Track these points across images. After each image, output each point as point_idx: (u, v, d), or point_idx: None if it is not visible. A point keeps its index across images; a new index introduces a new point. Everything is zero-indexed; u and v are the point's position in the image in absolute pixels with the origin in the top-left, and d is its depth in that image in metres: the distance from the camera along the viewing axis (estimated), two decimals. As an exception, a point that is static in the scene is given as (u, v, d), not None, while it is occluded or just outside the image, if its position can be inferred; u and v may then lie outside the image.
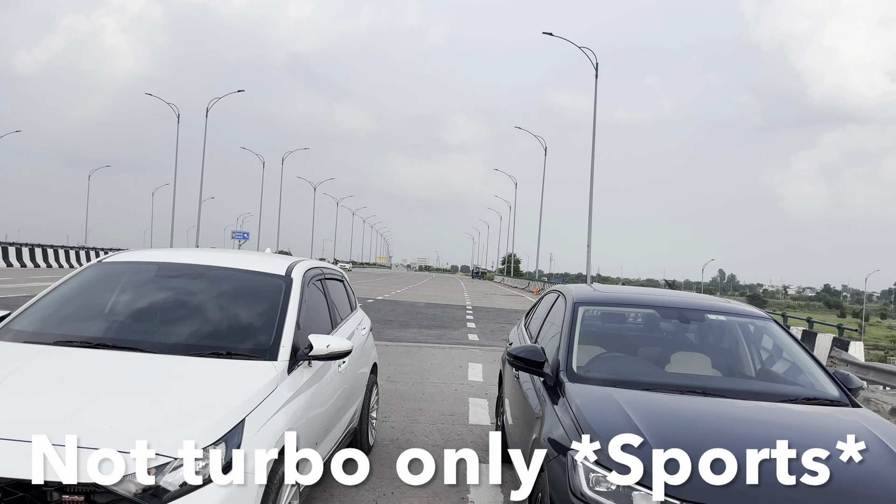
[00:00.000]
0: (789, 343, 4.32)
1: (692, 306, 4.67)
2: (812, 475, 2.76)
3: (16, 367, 3.16)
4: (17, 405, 2.86)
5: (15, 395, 2.95)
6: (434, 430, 6.72)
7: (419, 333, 15.36)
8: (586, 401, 3.43)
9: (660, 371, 4.15)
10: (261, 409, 3.15)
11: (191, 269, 4.24)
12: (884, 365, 10.31)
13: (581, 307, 4.46)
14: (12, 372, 3.11)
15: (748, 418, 3.37)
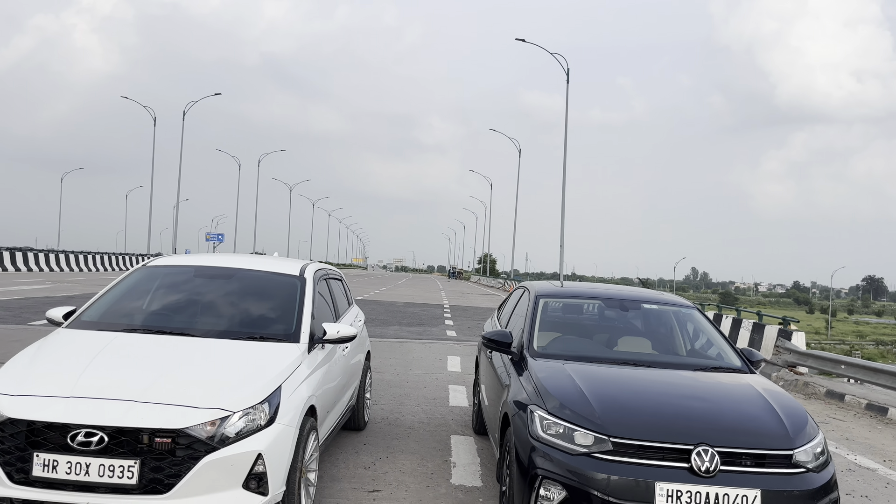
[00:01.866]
0: (707, 327, 5.34)
1: (632, 297, 5.69)
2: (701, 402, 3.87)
3: (100, 348, 4.05)
4: (112, 376, 3.76)
5: (108, 368, 3.84)
6: (419, 411, 7.66)
7: (400, 330, 16.28)
8: (543, 370, 4.40)
9: (606, 350, 5.15)
10: (291, 379, 4.08)
11: (222, 270, 5.16)
12: (820, 352, 11.45)
13: (542, 299, 5.45)
14: (99, 351, 4.00)
15: (665, 381, 4.37)
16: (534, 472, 3.74)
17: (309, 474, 4.28)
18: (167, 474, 3.41)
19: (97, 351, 4.01)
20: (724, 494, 3.48)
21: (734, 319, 14.51)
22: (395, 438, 6.40)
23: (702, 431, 3.68)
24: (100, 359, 3.93)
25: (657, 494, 3.48)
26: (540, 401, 4.01)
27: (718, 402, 4.12)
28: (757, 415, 3.93)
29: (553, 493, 3.66)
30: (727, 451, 3.60)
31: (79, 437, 3.39)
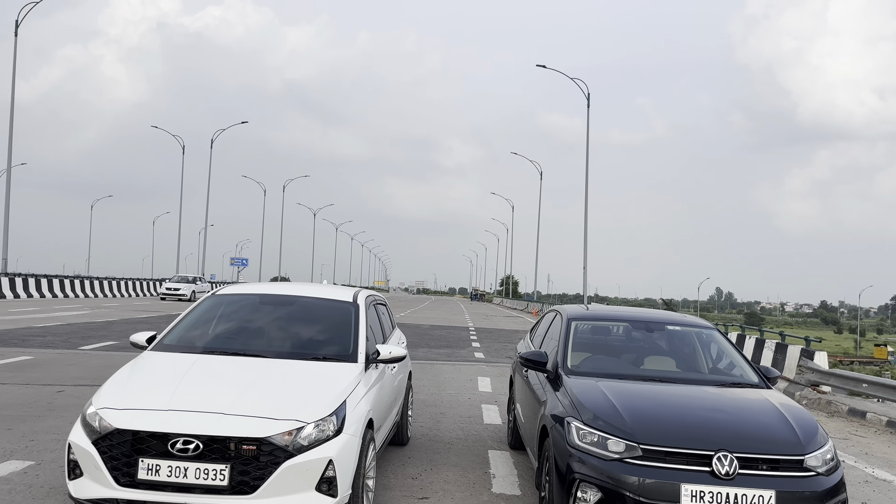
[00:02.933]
0: (727, 346, 5.79)
1: (656, 320, 6.15)
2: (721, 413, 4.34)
3: (187, 368, 4.61)
4: (202, 391, 4.31)
5: (197, 385, 4.39)
6: (456, 428, 8.13)
7: (429, 352, 16.76)
8: (578, 386, 4.87)
9: (633, 368, 5.61)
10: (353, 394, 4.59)
11: (285, 298, 5.73)
12: (842, 371, 11.73)
13: (573, 322, 5.93)
14: (187, 371, 4.56)
15: (687, 395, 4.82)
16: (571, 477, 4.20)
17: (368, 481, 4.77)
18: (252, 477, 3.93)
19: (185, 370, 4.57)
20: (743, 495, 3.92)
21: (757, 340, 14.80)
22: (437, 452, 6.87)
23: (721, 439, 4.13)
24: (188, 377, 4.48)
25: (682, 495, 3.93)
26: (576, 413, 4.48)
27: (736, 413, 4.56)
28: (771, 424, 4.37)
29: (589, 494, 4.12)
30: (745, 457, 4.04)
31: (178, 445, 3.93)
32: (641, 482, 3.99)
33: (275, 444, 3.99)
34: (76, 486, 4.09)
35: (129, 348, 14.21)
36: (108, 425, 4.04)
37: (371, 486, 4.85)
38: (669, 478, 3.98)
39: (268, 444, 3.99)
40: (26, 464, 5.65)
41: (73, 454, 4.11)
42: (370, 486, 4.82)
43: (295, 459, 4.00)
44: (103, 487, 3.97)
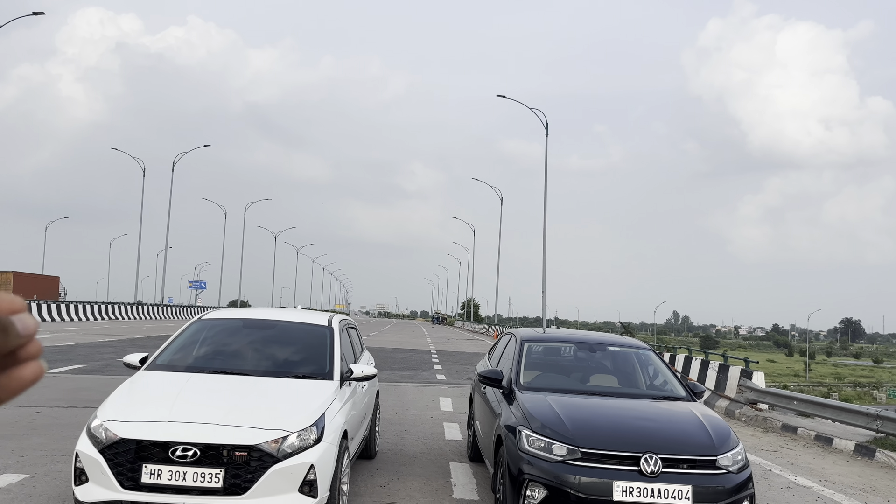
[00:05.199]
0: (660, 365, 6.55)
1: (599, 342, 6.91)
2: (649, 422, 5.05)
3: (181, 385, 5.16)
4: (197, 405, 4.86)
5: (192, 399, 4.95)
6: (419, 443, 8.72)
7: (393, 374, 17.29)
8: (529, 400, 5.55)
9: (579, 384, 6.32)
10: (330, 408, 5.19)
11: (266, 322, 6.32)
12: (777, 390, 12.67)
13: (526, 343, 6.64)
14: (182, 387, 5.11)
15: (623, 406, 5.54)
16: (521, 478, 4.86)
17: (343, 485, 5.36)
18: (244, 480, 4.50)
19: (181, 387, 5.12)
20: (665, 489, 4.63)
21: (702, 361, 15.73)
22: (402, 465, 7.46)
23: (649, 443, 4.84)
24: (185, 392, 5.04)
25: (615, 490, 4.62)
26: (526, 423, 5.16)
27: (663, 422, 5.30)
28: (691, 430, 5.11)
29: (537, 492, 4.78)
30: (667, 457, 4.76)
31: (178, 452, 4.48)
32: (580, 480, 4.67)
33: (263, 450, 4.57)
34: (83, 491, 4.59)
35: (98, 371, 14.52)
36: (113, 435, 4.57)
37: (345, 491, 5.43)
38: (604, 476, 4.67)
39: (257, 450, 4.56)
40: (22, 476, 6.08)
41: (80, 462, 4.62)
42: (345, 490, 5.41)
43: (281, 464, 4.58)
44: (109, 491, 4.49)
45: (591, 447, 4.81)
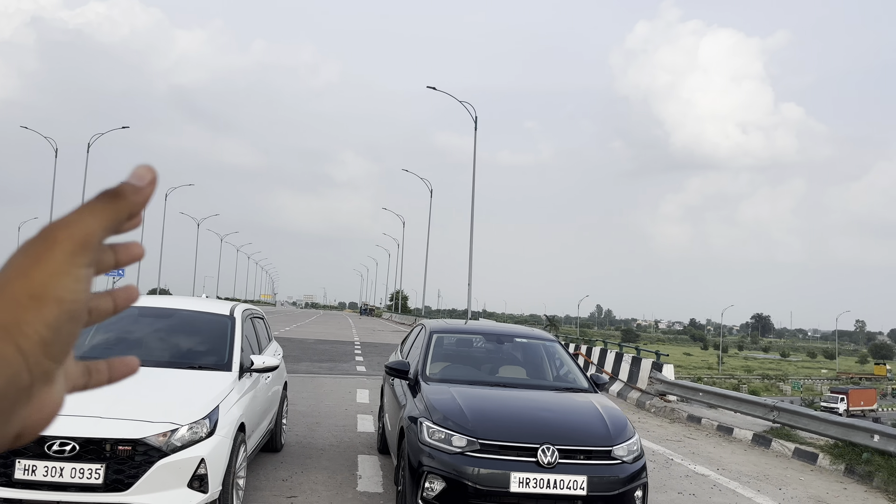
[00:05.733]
0: (565, 356, 6.64)
1: (506, 333, 6.94)
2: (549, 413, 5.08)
3: (64, 375, 4.86)
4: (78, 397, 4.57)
5: (74, 391, 4.67)
6: (330, 436, 8.59)
7: (312, 366, 17.03)
8: (432, 392, 5.52)
9: (487, 375, 6.33)
10: (226, 400, 5.01)
11: (163, 311, 6.04)
12: (684, 382, 13.13)
13: (435, 334, 6.60)
14: (64, 378, 4.81)
15: (525, 398, 5.58)
16: (421, 470, 4.82)
17: (239, 480, 5.19)
18: (127, 475, 4.28)
19: (62, 378, 4.83)
20: (561, 480, 4.67)
21: (617, 353, 16.15)
22: (309, 458, 7.32)
23: (547, 434, 4.88)
24: None
25: (511, 481, 4.63)
26: (428, 415, 5.11)
27: (562, 413, 5.36)
28: (589, 422, 5.18)
29: (435, 484, 4.75)
30: (564, 449, 4.81)
31: (54, 447, 4.22)
32: (478, 472, 4.66)
33: (150, 444, 4.36)
34: (-50, 489, 4.27)
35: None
36: (-17, 430, 4.26)
37: (242, 485, 5.26)
38: (501, 467, 4.68)
39: (143, 444, 4.35)
40: None
41: None
42: (241, 484, 5.24)
43: (168, 458, 4.38)
44: (-22, 488, 4.19)
45: (490, 438, 4.81)
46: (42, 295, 0.38)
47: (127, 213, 0.42)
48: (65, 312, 0.39)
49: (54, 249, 0.39)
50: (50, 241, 0.39)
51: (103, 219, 0.41)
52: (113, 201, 0.41)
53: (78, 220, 0.40)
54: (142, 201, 0.43)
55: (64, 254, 0.39)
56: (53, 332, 0.39)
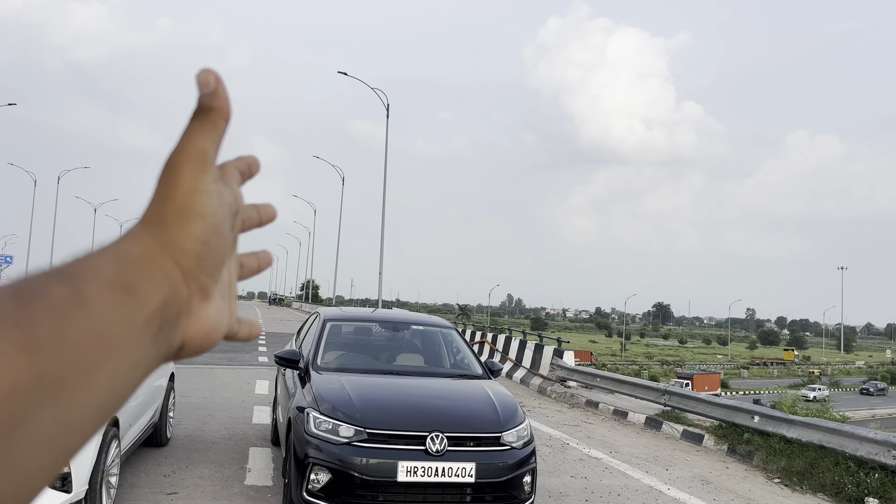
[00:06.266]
0: (462, 344, 6.60)
1: (403, 320, 6.84)
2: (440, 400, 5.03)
3: None
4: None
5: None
6: (222, 429, 8.26)
7: (210, 357, 16.41)
8: (322, 381, 5.35)
9: (381, 363, 6.20)
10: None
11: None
12: (583, 368, 13.49)
13: (329, 322, 6.41)
14: None
15: (417, 385, 5.50)
16: (306, 462, 4.66)
17: (111, 478, 4.87)
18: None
19: None
20: (449, 468, 4.62)
21: (521, 341, 16.41)
22: (196, 451, 7.00)
23: (436, 422, 4.81)
24: None
25: (399, 471, 4.54)
26: (315, 405, 4.95)
27: (454, 400, 5.31)
28: (480, 408, 5.16)
29: (321, 476, 4.60)
30: (453, 436, 4.76)
31: None
32: (365, 462, 4.55)
33: None
34: None
35: None
36: None
37: (114, 483, 4.94)
38: (389, 457, 4.58)
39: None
40: None
41: None
42: (112, 482, 4.91)
43: (26, 457, 4.03)
44: None
45: (378, 428, 4.70)
46: (185, 212, 0.42)
47: (221, 119, 0.45)
48: (210, 226, 0.43)
49: (182, 172, 0.43)
50: (174, 167, 0.43)
51: (206, 133, 0.44)
52: (204, 115, 0.45)
53: (188, 144, 0.44)
54: (223, 102, 0.45)
55: (191, 174, 0.43)
56: (203, 246, 0.42)
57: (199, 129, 0.44)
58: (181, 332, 0.42)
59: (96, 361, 0.36)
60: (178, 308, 0.42)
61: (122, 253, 0.40)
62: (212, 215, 0.43)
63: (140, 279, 0.39)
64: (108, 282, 0.38)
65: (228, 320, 0.46)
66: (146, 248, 0.41)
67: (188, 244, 0.42)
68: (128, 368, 0.38)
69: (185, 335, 0.43)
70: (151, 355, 0.40)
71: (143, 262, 0.40)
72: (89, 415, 0.36)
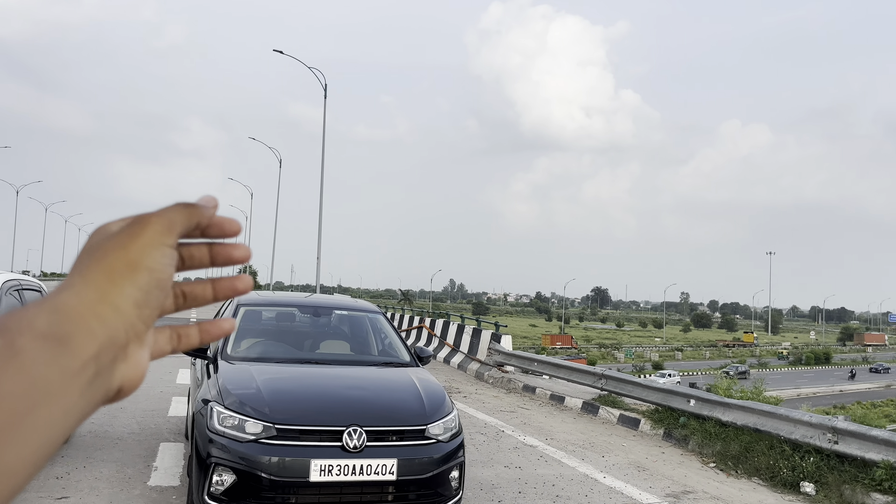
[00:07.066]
0: (389, 329, 6.18)
1: (325, 304, 6.37)
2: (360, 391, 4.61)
3: None
4: None
5: None
6: (133, 423, 7.64)
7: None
8: (230, 372, 4.85)
9: (299, 351, 5.72)
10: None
11: None
12: (520, 352, 13.26)
13: (242, 307, 5.89)
14: None
15: (336, 375, 5.06)
16: (208, 461, 4.17)
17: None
18: None
19: None
20: (368, 465, 4.21)
21: (458, 326, 16.10)
22: (99, 449, 6.39)
23: (354, 415, 4.39)
24: None
25: (311, 470, 4.11)
26: (220, 398, 4.45)
27: (375, 391, 4.89)
28: (403, 399, 4.75)
29: (225, 477, 4.12)
30: (373, 430, 4.34)
31: None
32: (273, 461, 4.09)
33: None
34: None
35: None
36: None
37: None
38: (300, 455, 4.14)
39: None
40: None
41: None
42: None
43: None
44: None
45: (288, 423, 4.24)
46: (136, 263, 0.46)
47: (196, 220, 0.50)
48: (154, 279, 0.46)
49: (147, 228, 0.47)
50: (143, 223, 0.47)
51: (182, 216, 0.49)
52: (187, 207, 0.50)
53: (165, 211, 0.49)
54: (209, 216, 0.51)
55: (155, 232, 0.47)
56: (145, 296, 0.46)
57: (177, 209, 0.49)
58: (119, 377, 0.45)
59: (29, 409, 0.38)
60: (115, 354, 0.44)
61: (57, 305, 0.43)
62: (160, 270, 0.47)
63: (74, 329, 0.42)
64: (42, 333, 0.41)
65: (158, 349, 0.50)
66: (83, 299, 0.43)
67: (130, 292, 0.45)
68: (62, 414, 0.40)
69: (123, 379, 0.45)
70: (87, 400, 0.42)
71: (79, 311, 0.43)
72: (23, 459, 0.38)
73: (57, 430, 0.40)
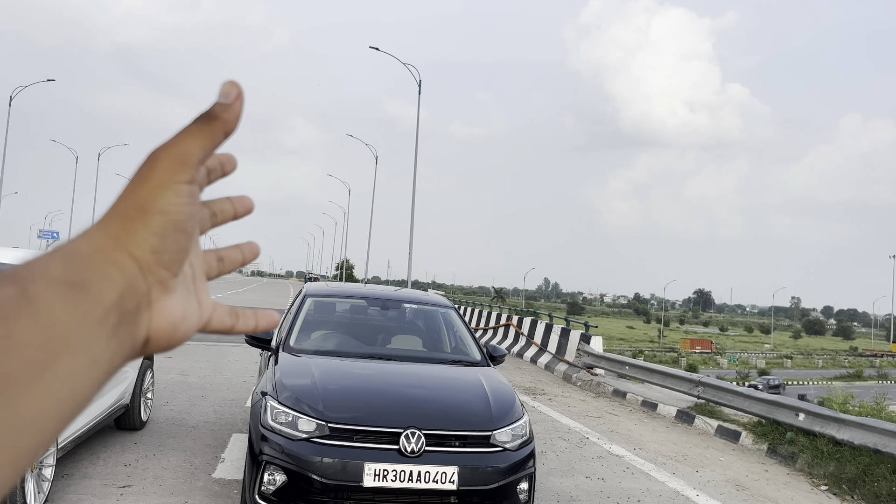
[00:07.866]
0: (460, 325, 5.81)
1: (394, 298, 6.07)
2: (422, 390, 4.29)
3: None
4: None
5: None
6: (211, 412, 7.65)
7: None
8: (288, 365, 4.63)
9: (362, 346, 5.43)
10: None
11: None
12: (611, 355, 12.58)
13: (309, 298, 5.69)
14: None
15: (398, 372, 4.74)
16: (260, 459, 3.95)
17: (45, 470, 4.25)
18: None
19: None
20: (426, 472, 3.86)
21: (546, 325, 15.55)
22: (172, 437, 6.38)
23: (413, 416, 4.05)
24: None
25: (365, 474, 3.80)
26: (275, 392, 4.23)
27: (438, 391, 4.54)
28: (468, 401, 4.38)
29: (276, 477, 3.89)
30: (434, 434, 3.99)
31: None
32: (325, 462, 3.82)
33: None
34: None
35: None
36: None
37: (48, 476, 4.32)
38: (354, 457, 3.85)
39: None
40: None
41: None
42: (47, 475, 4.29)
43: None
44: None
45: (341, 422, 3.96)
46: (147, 207, 0.42)
47: (222, 132, 0.45)
48: (169, 222, 0.43)
49: (156, 167, 0.43)
50: (152, 161, 0.43)
51: (200, 139, 0.44)
52: (207, 122, 0.44)
53: (176, 142, 0.44)
54: (233, 118, 0.45)
55: (164, 171, 0.43)
56: (161, 240, 0.42)
57: (194, 132, 0.44)
58: (144, 326, 0.42)
59: (49, 359, 0.36)
60: (138, 301, 0.41)
61: (71, 251, 0.40)
62: (175, 212, 0.43)
63: (91, 275, 0.39)
64: (57, 279, 0.38)
65: (200, 314, 0.46)
66: (97, 245, 0.41)
67: (144, 237, 0.42)
68: (87, 365, 0.37)
69: (150, 328, 0.42)
70: (113, 350, 0.40)
71: (94, 257, 0.40)
72: (47, 412, 0.35)
73: (84, 382, 0.37)
